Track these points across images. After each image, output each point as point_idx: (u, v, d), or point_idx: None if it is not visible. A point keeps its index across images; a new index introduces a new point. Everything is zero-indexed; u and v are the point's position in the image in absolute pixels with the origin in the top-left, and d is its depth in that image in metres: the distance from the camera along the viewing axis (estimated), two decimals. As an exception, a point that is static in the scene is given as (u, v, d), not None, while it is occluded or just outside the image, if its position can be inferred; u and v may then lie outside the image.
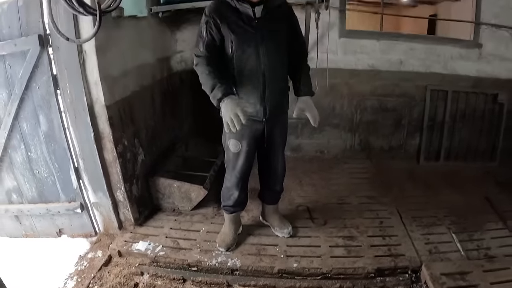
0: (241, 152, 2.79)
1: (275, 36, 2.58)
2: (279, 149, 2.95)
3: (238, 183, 2.93)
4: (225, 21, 2.50)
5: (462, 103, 4.61)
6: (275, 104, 2.69)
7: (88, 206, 3.20)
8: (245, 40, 2.52)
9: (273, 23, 2.57)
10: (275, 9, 2.59)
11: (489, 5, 4.38)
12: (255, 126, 2.72)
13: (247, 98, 2.61)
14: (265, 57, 2.54)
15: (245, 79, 2.59)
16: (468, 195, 3.83)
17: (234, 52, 2.54)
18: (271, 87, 2.61)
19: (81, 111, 2.91)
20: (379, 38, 4.56)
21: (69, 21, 2.71)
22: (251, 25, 2.52)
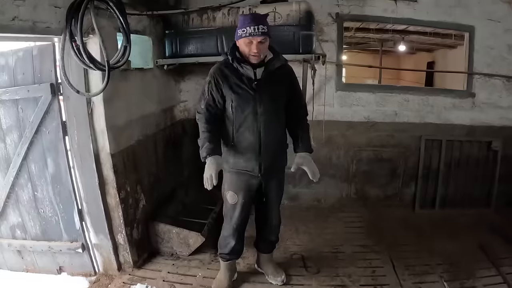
0: (238, 204, 2.91)
1: (273, 97, 2.72)
2: (274, 203, 3.05)
3: (235, 233, 3.02)
4: (227, 81, 2.67)
5: (457, 151, 4.71)
6: (271, 161, 2.81)
7: (89, 247, 3.28)
8: (244, 100, 2.67)
9: (273, 84, 2.70)
10: (276, 71, 2.72)
11: (482, 55, 4.55)
12: (251, 180, 2.85)
13: (244, 153, 2.76)
14: (262, 117, 2.68)
15: (243, 137, 2.73)
16: (462, 242, 3.88)
17: (234, 111, 2.70)
18: (267, 145, 2.74)
19: (87, 157, 3.03)
20: (374, 90, 4.70)
21: (79, 73, 2.86)
22: (250, 86, 2.66)
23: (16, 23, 2.22)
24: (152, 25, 3.86)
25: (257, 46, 2.55)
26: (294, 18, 3.63)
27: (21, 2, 2.23)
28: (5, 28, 2.17)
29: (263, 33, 2.52)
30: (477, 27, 4.51)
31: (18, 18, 2.22)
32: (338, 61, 4.57)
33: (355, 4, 4.43)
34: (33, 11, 2.33)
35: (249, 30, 2.52)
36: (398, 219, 4.49)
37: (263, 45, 2.58)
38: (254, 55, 2.59)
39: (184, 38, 3.90)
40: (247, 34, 2.53)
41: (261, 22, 2.55)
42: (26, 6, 2.27)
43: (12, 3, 2.18)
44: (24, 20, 2.27)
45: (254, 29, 2.51)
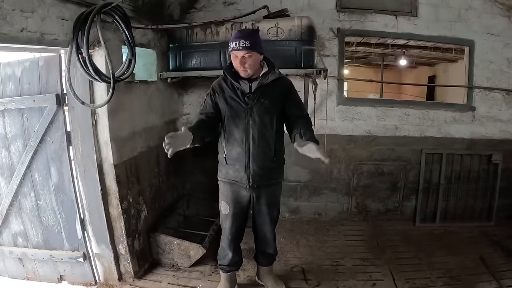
0: (229, 215, 2.96)
1: (266, 110, 2.74)
2: (265, 217, 3.02)
3: (230, 244, 3.05)
4: (223, 94, 2.78)
5: (457, 164, 4.73)
6: (260, 173, 2.82)
7: (90, 256, 3.29)
8: (236, 112, 2.75)
9: (266, 97, 2.73)
10: (270, 84, 2.75)
11: (481, 69, 4.62)
12: (241, 191, 2.90)
13: (233, 164, 2.82)
14: (252, 129, 2.74)
15: (232, 147, 2.81)
16: (463, 256, 3.88)
17: (226, 122, 2.80)
18: (256, 157, 2.77)
19: (91, 167, 3.07)
20: (375, 105, 4.76)
21: (85, 85, 2.92)
22: (243, 99, 2.74)
23: (24, 34, 2.27)
24: (156, 39, 3.94)
25: (241, 61, 2.62)
26: (296, 33, 3.69)
27: (29, 14, 2.29)
28: (14, 39, 2.22)
29: (245, 47, 2.57)
30: (476, 42, 4.58)
31: (26, 29, 2.28)
32: (340, 75, 4.63)
33: (356, 20, 4.51)
34: (41, 23, 2.39)
35: (231, 45, 2.62)
36: (399, 233, 4.49)
37: (249, 60, 2.63)
38: (240, 70, 2.66)
39: (188, 52, 3.97)
40: (230, 49, 2.64)
41: (245, 37, 2.60)
42: (34, 18, 2.33)
43: (21, 14, 2.23)
44: (32, 31, 2.33)
45: (236, 44, 2.59)
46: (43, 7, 2.39)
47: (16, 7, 2.19)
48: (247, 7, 4.22)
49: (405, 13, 4.53)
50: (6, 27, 2.16)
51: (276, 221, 3.14)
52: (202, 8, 4.54)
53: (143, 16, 3.53)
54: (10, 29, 2.18)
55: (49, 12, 2.44)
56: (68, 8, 2.60)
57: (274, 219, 3.10)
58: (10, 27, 2.18)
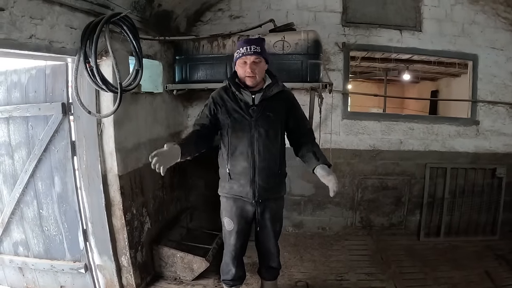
0: (233, 231, 2.89)
1: (270, 123, 2.71)
2: (269, 231, 2.98)
3: (234, 260, 2.99)
4: (225, 106, 2.72)
5: (461, 179, 4.71)
6: (266, 187, 2.77)
7: (92, 268, 3.25)
8: (240, 125, 2.69)
9: (270, 110, 2.71)
10: (274, 97, 2.73)
11: (485, 83, 4.64)
12: (246, 207, 2.83)
13: (238, 179, 2.76)
14: (257, 142, 2.69)
15: (237, 161, 2.73)
16: (468, 270, 3.85)
17: (229, 135, 2.72)
18: (262, 171, 2.72)
19: (95, 178, 3.05)
20: (380, 119, 4.76)
21: (91, 94, 2.92)
22: (247, 111, 2.69)
23: (33, 41, 2.28)
24: (163, 51, 3.96)
25: (251, 66, 2.60)
26: (303, 47, 3.72)
27: (38, 21, 2.30)
28: (22, 46, 2.23)
29: (256, 52, 2.58)
30: (480, 56, 4.61)
31: (35, 36, 2.29)
32: (345, 89, 4.65)
33: (361, 34, 4.55)
34: (50, 31, 2.40)
35: (242, 50, 2.61)
36: (403, 248, 4.45)
37: (258, 66, 2.62)
38: (249, 76, 2.62)
39: (194, 64, 3.98)
40: (240, 54, 2.61)
41: (255, 43, 2.62)
42: (43, 26, 2.34)
43: (30, 21, 2.24)
44: (41, 39, 2.34)
45: (247, 49, 2.58)
46: (52, 15, 2.41)
47: (25, 14, 2.20)
48: (253, 21, 4.26)
49: (410, 27, 4.58)
50: (15, 33, 2.16)
51: (279, 234, 3.10)
52: (208, 21, 4.58)
53: (150, 28, 3.56)
54: (19, 36, 2.19)
55: (58, 20, 2.46)
56: (77, 16, 2.61)
57: (278, 233, 3.06)
58: (19, 34, 2.19)
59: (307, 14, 4.52)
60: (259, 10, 4.50)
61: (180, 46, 4.01)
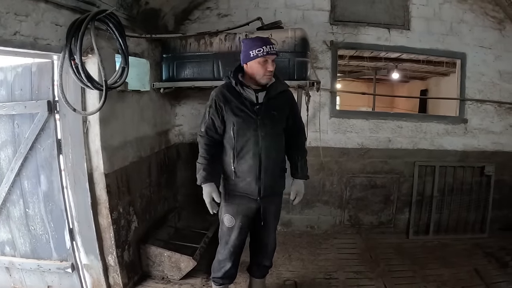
0: (235, 227, 2.88)
1: (275, 121, 2.76)
2: (271, 228, 3.04)
3: (231, 256, 2.98)
4: (229, 105, 2.70)
5: (450, 177, 4.75)
6: (270, 184, 2.80)
7: (79, 267, 3.22)
8: (246, 124, 2.70)
9: (275, 109, 2.75)
10: (278, 95, 2.77)
11: (473, 81, 4.68)
12: (250, 204, 2.83)
13: (244, 176, 2.76)
14: (263, 141, 2.70)
15: (243, 160, 2.74)
16: (457, 268, 3.88)
17: (235, 135, 2.72)
18: (267, 168, 2.74)
19: (81, 176, 3.02)
20: (368, 117, 4.78)
21: (77, 92, 2.90)
22: (253, 109, 2.70)
23: (17, 38, 2.25)
24: (150, 49, 3.95)
25: (272, 64, 2.64)
26: (290, 44, 3.71)
27: (23, 17, 2.28)
28: (7, 42, 2.20)
29: (276, 52, 2.65)
30: (468, 54, 4.65)
31: (19, 33, 2.26)
32: (332, 88, 4.65)
33: (349, 32, 4.56)
34: (34, 27, 2.37)
35: (266, 49, 2.60)
36: (392, 246, 4.47)
37: (274, 65, 2.67)
38: (270, 74, 2.67)
39: (181, 62, 3.97)
40: (265, 53, 2.59)
41: (272, 43, 2.66)
42: (28, 22, 2.32)
43: (15, 18, 2.22)
44: (26, 35, 2.31)
45: (271, 48, 2.61)
46: (37, 11, 2.38)
47: (10, 10, 2.18)
48: (241, 19, 4.25)
49: (398, 26, 4.60)
50: (-1, 30, 2.14)
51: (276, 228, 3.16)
52: (196, 19, 4.58)
53: (137, 26, 3.54)
54: (3, 32, 2.16)
55: (43, 17, 2.43)
56: (62, 14, 2.59)
57: (276, 228, 3.13)
58: (4, 30, 2.16)
59: (295, 12, 4.53)
60: (247, 9, 4.51)
61: (168, 44, 4.00)
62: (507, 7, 4.45)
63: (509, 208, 4.90)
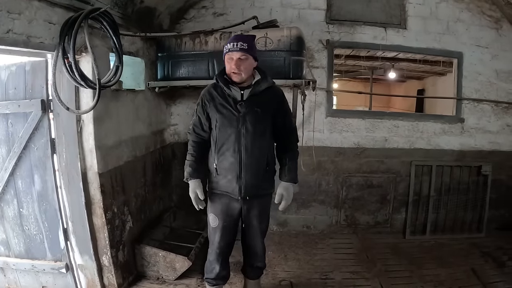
0: (218, 228, 2.87)
1: (258, 119, 2.71)
2: (256, 230, 2.96)
3: (218, 258, 2.96)
4: (213, 102, 2.74)
5: (447, 176, 4.75)
6: (252, 184, 2.75)
7: (73, 267, 3.20)
8: (228, 121, 2.69)
9: (259, 106, 2.70)
10: (263, 93, 2.73)
11: (470, 81, 4.68)
12: (232, 203, 2.82)
13: (225, 175, 2.76)
14: (245, 138, 2.68)
15: (224, 156, 2.73)
16: (454, 268, 3.87)
17: (217, 131, 2.73)
18: (248, 167, 2.71)
19: (75, 175, 3.00)
20: (364, 116, 4.76)
21: (70, 91, 2.88)
22: (235, 107, 2.69)
23: (10, 36, 2.23)
24: (145, 48, 3.92)
25: (237, 63, 2.59)
26: (285, 43, 3.69)
27: (16, 15, 2.26)
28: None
29: (242, 49, 2.58)
30: (465, 53, 4.64)
31: (12, 31, 2.24)
32: (329, 87, 4.64)
33: (345, 31, 4.55)
34: (28, 26, 2.35)
35: (228, 46, 2.62)
36: (389, 246, 4.46)
37: (244, 63, 2.62)
38: (235, 72, 2.62)
39: (176, 61, 3.95)
40: (227, 50, 2.63)
41: (243, 39, 2.63)
42: (21, 20, 2.30)
43: (8, 16, 2.20)
44: (19, 33, 2.29)
45: (233, 45, 2.59)
46: (30, 9, 2.36)
47: (2, 8, 2.16)
48: (236, 18, 4.24)
49: (394, 25, 4.59)
50: (-9, 28, 2.12)
51: (265, 233, 3.08)
52: (192, 18, 4.56)
53: (132, 25, 3.52)
54: (-5, 30, 2.14)
55: (36, 15, 2.41)
56: (56, 12, 2.57)
57: (264, 231, 3.04)
58: (-4, 28, 2.14)
59: (291, 11, 4.52)
60: (243, 8, 4.49)
61: (163, 43, 3.98)
62: (504, 6, 4.45)
63: (506, 207, 4.90)
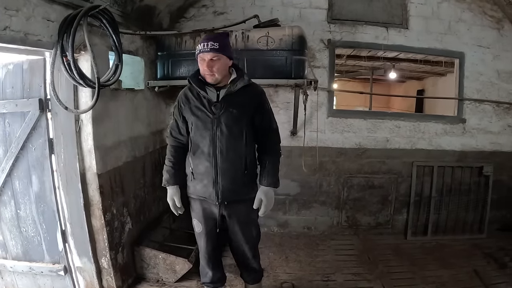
0: (202, 233, 2.80)
1: (234, 120, 2.58)
2: (241, 239, 2.84)
3: (208, 263, 2.90)
4: (189, 105, 2.65)
5: (448, 177, 4.72)
6: (230, 189, 2.63)
7: (71, 270, 3.14)
8: (203, 123, 2.59)
9: (235, 107, 2.57)
10: (239, 92, 2.59)
11: (472, 81, 4.65)
12: (211, 208, 2.73)
13: (201, 179, 2.66)
14: (220, 141, 2.57)
15: (199, 160, 2.63)
16: (456, 269, 3.85)
17: (193, 134, 2.65)
18: (225, 171, 2.60)
19: (73, 176, 2.94)
20: (365, 117, 4.73)
21: (69, 90, 2.82)
22: (210, 108, 2.58)
23: (7, 33, 2.18)
24: (145, 47, 3.88)
25: (208, 64, 2.48)
26: (287, 42, 3.65)
27: (14, 12, 2.20)
28: (-4, 37, 2.13)
29: (213, 49, 2.45)
30: (467, 54, 4.62)
31: (9, 28, 2.19)
32: (330, 87, 4.60)
33: (347, 31, 4.51)
34: (25, 23, 2.30)
35: (199, 47, 2.50)
36: (390, 247, 4.43)
37: (217, 64, 2.49)
38: (207, 74, 2.51)
39: (176, 61, 3.90)
40: (198, 51, 2.52)
41: (213, 39, 2.49)
42: (18, 17, 2.24)
43: (5, 12, 2.15)
44: (16, 30, 2.24)
45: (204, 46, 2.47)
46: (28, 6, 2.31)
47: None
48: (237, 17, 4.19)
49: (396, 25, 4.56)
50: (-12, 25, 2.06)
51: (255, 240, 2.96)
52: (192, 17, 4.51)
53: (131, 23, 3.47)
54: (-8, 27, 2.08)
55: (34, 12, 2.36)
56: (54, 9, 2.52)
57: (253, 238, 2.92)
58: (-8, 24, 2.09)
59: (292, 10, 4.48)
60: (243, 7, 4.45)
61: (162, 42, 3.93)
62: (505, 6, 4.42)
63: (507, 208, 4.88)
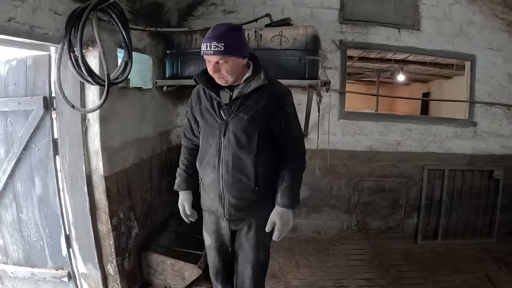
0: (211, 247, 2.52)
1: (243, 126, 2.17)
2: (247, 259, 2.43)
3: (217, 277, 2.61)
4: (199, 105, 2.32)
5: (459, 181, 4.67)
6: (237, 206, 2.28)
7: (76, 276, 3.02)
8: (210, 129, 2.26)
9: (246, 111, 2.17)
10: (253, 94, 2.17)
11: (482, 84, 4.60)
12: (220, 223, 2.42)
13: (208, 191, 2.35)
14: (225, 151, 2.20)
15: (205, 171, 2.31)
16: (468, 274, 3.80)
17: (201, 140, 2.35)
18: (231, 186, 2.23)
19: (79, 179, 2.82)
20: (377, 119, 4.67)
21: (75, 87, 2.70)
22: (219, 112, 2.21)
23: (12, 24, 2.05)
24: (153, 44, 3.77)
25: (215, 67, 2.06)
26: (301, 42, 3.55)
27: (19, 3, 2.08)
28: (0, 29, 2.00)
29: (217, 52, 2.00)
30: (478, 56, 4.58)
31: (14, 19, 2.06)
32: (342, 88, 4.53)
33: (359, 32, 4.44)
34: (31, 15, 2.17)
35: (202, 47, 2.06)
36: (401, 251, 4.37)
37: (224, 67, 2.06)
38: (216, 77, 2.13)
39: (186, 59, 3.77)
40: (201, 52, 2.09)
41: (218, 38, 2.01)
42: (24, 8, 2.12)
43: (10, 3, 2.02)
44: (21, 23, 2.11)
45: (207, 47, 2.02)
46: (34, -3, 2.18)
47: (4, -7, 1.98)
48: (247, 16, 4.11)
49: (408, 26, 4.49)
50: (-8, 15, 1.94)
51: (263, 267, 2.51)
52: (200, 16, 4.42)
53: (140, 20, 3.36)
54: (-3, 17, 1.96)
55: (41, 3, 2.23)
56: (62, 1, 2.39)
57: (258, 263, 2.44)
58: (-3, 15, 1.96)
59: (304, 10, 4.40)
60: (253, 5, 4.36)
61: (172, 39, 3.81)
62: (517, 9, 4.37)
63: (517, 212, 4.83)
